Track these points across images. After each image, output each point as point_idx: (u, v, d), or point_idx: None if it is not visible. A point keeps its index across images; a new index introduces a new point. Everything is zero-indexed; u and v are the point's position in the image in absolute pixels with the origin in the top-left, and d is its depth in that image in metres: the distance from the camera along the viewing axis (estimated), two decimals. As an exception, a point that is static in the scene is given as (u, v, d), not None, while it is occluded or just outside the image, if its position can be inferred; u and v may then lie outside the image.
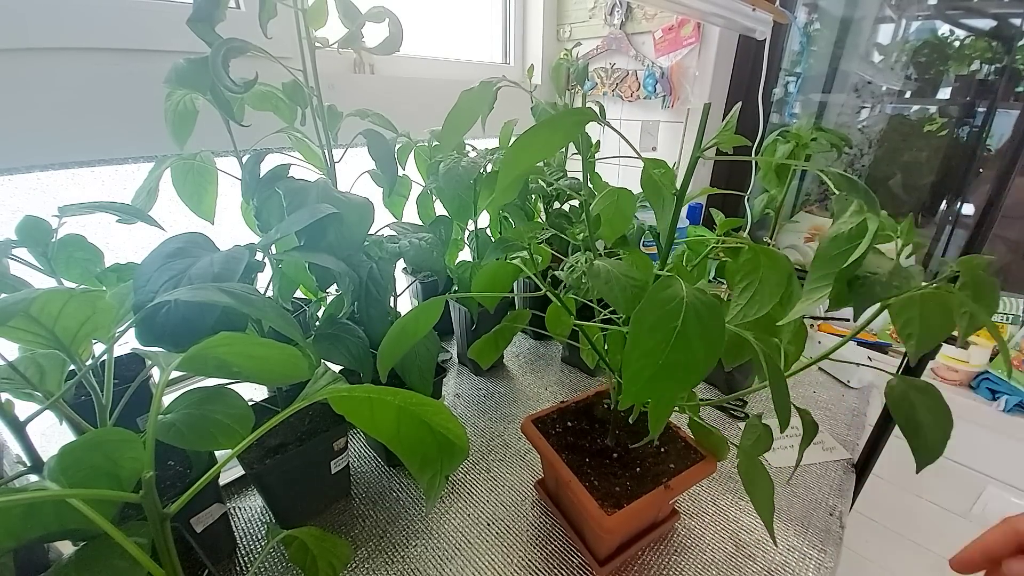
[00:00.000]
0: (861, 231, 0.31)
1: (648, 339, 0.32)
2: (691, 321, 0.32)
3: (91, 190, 0.72)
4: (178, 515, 0.39)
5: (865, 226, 0.31)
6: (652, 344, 0.32)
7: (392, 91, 1.03)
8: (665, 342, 0.32)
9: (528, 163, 0.34)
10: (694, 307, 0.33)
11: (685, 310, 0.32)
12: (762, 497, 0.45)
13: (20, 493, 0.26)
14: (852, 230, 0.32)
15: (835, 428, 0.84)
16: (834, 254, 0.33)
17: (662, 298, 0.33)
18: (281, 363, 0.33)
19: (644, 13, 1.20)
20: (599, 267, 0.43)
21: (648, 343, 0.32)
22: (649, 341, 0.32)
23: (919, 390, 0.39)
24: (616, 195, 0.54)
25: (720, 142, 0.39)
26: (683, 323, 0.32)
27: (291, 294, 0.67)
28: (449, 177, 0.69)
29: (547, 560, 0.59)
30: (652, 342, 0.32)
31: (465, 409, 0.87)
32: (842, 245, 0.33)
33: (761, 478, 0.45)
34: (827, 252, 0.33)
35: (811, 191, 1.58)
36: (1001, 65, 1.24)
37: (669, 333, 0.32)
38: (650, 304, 0.33)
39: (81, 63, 0.64)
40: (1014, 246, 1.24)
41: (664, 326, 0.32)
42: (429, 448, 0.33)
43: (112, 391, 0.43)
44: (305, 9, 0.57)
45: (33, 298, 0.32)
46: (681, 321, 0.32)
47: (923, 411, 0.38)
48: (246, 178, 0.55)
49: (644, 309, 0.33)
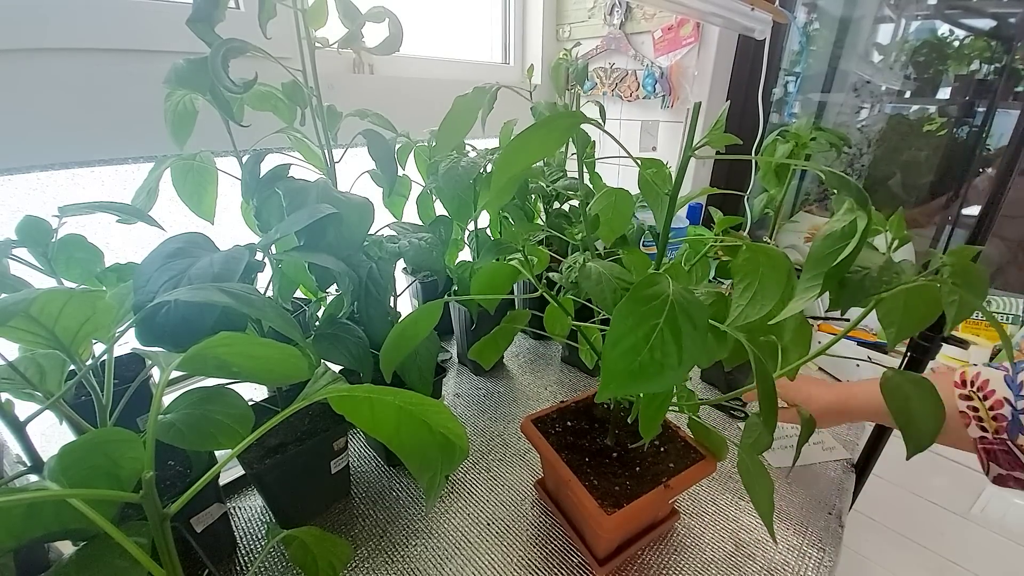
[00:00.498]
0: (853, 229, 0.31)
1: (629, 335, 0.32)
2: (674, 319, 0.32)
3: (91, 190, 0.72)
4: (178, 515, 0.39)
5: (855, 226, 0.31)
6: (632, 341, 0.32)
7: (392, 91, 1.03)
8: (646, 339, 0.32)
9: (522, 165, 0.34)
10: (679, 305, 0.32)
11: (669, 308, 0.32)
12: (762, 495, 0.45)
13: (20, 493, 0.26)
14: (844, 228, 0.32)
15: (835, 428, 0.84)
16: (826, 253, 0.33)
17: (646, 295, 0.33)
18: (281, 363, 0.33)
19: (643, 13, 1.20)
20: (591, 268, 0.43)
21: (629, 340, 0.32)
22: (630, 337, 0.32)
23: (913, 382, 0.39)
24: (614, 195, 0.54)
25: (710, 141, 0.39)
26: (666, 321, 0.32)
27: (291, 294, 0.67)
28: (449, 177, 0.69)
29: (547, 559, 0.59)
30: (633, 339, 0.32)
31: (465, 409, 0.87)
32: (834, 244, 0.33)
33: (761, 476, 0.45)
34: (820, 251, 0.33)
35: (811, 191, 1.58)
36: (1000, 65, 1.24)
37: (650, 330, 0.32)
38: (633, 301, 0.32)
39: (81, 63, 0.64)
40: (1014, 246, 1.24)
41: (646, 323, 0.32)
42: (429, 448, 0.33)
43: (112, 391, 0.43)
44: (305, 9, 0.57)
45: (33, 298, 0.32)
46: (664, 319, 0.32)
47: (916, 402, 0.39)
48: (246, 178, 0.55)
49: (626, 305, 0.32)
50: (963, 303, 0.36)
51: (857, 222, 0.31)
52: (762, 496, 0.45)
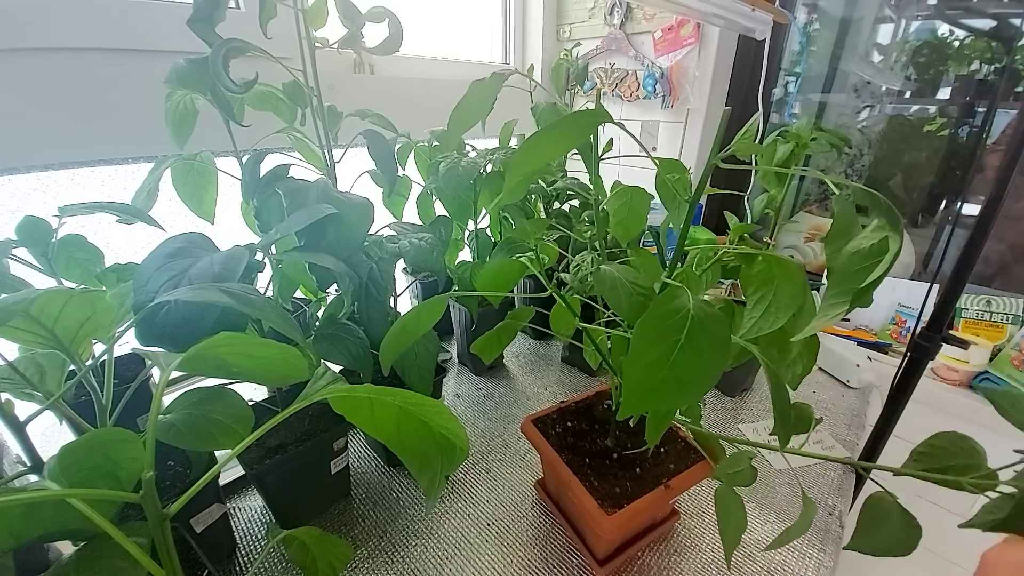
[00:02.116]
0: (883, 248, 0.30)
1: (651, 351, 0.32)
2: (695, 335, 0.32)
3: (91, 190, 0.72)
4: (178, 515, 0.39)
5: (887, 244, 0.30)
6: (654, 356, 0.32)
7: (392, 91, 1.03)
8: (668, 355, 0.32)
9: (537, 164, 0.34)
10: (699, 320, 0.32)
11: (690, 323, 0.32)
12: (732, 528, 0.44)
13: (20, 493, 0.26)
14: (873, 247, 0.31)
15: (835, 428, 0.84)
16: (853, 270, 0.32)
17: (667, 310, 0.33)
18: (281, 363, 0.33)
19: (644, 13, 1.20)
20: (605, 272, 0.43)
21: (651, 355, 0.32)
22: (652, 353, 0.32)
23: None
24: (629, 194, 0.53)
25: (738, 150, 0.39)
26: (687, 337, 0.32)
27: (291, 294, 0.67)
28: (449, 177, 0.69)
29: (547, 560, 0.59)
30: (655, 354, 0.32)
31: (465, 409, 0.87)
32: (862, 261, 0.32)
33: (736, 511, 0.45)
34: (846, 268, 0.32)
35: (811, 191, 1.58)
36: (1001, 65, 1.24)
37: (672, 346, 0.32)
38: (655, 315, 0.32)
39: (81, 63, 0.64)
40: (1014, 246, 1.24)
41: (668, 339, 0.32)
42: (429, 448, 0.33)
43: (112, 391, 0.43)
44: (305, 9, 0.57)
45: (33, 298, 0.32)
46: (685, 335, 0.32)
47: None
48: (246, 178, 0.55)
49: (648, 320, 0.32)
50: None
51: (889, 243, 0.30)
52: (732, 529, 0.44)
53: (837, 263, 0.32)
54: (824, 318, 0.33)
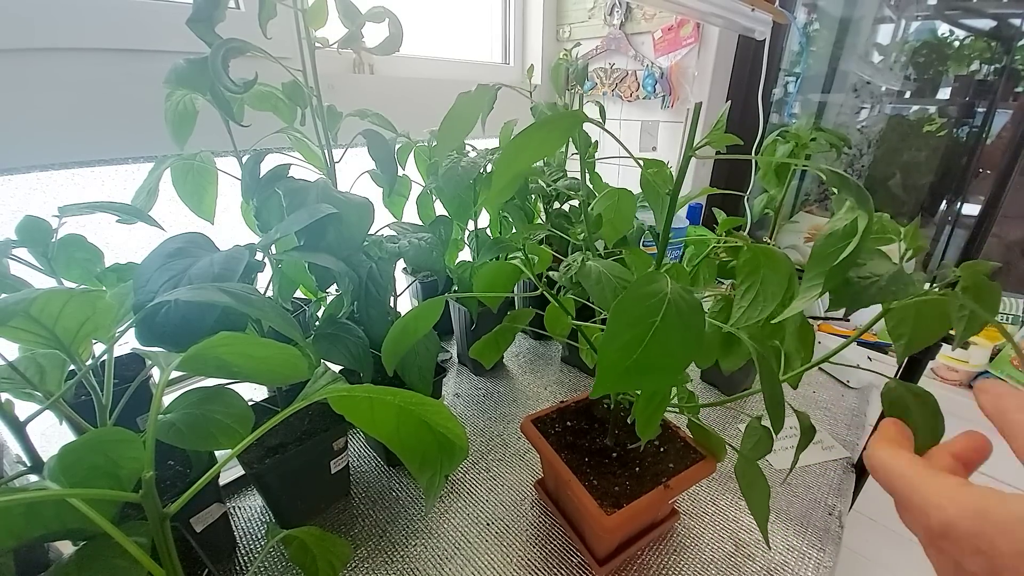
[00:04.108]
0: (854, 228, 0.31)
1: (626, 332, 0.32)
2: (671, 318, 0.32)
3: (91, 190, 0.72)
4: (178, 515, 0.39)
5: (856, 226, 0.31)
6: (629, 337, 0.32)
7: (392, 91, 1.03)
8: (642, 337, 0.32)
9: (523, 165, 0.34)
10: (676, 304, 0.32)
11: (666, 306, 0.32)
12: (759, 501, 0.45)
13: (20, 493, 0.26)
14: (846, 227, 0.32)
15: (835, 428, 0.84)
16: (828, 252, 0.33)
17: (644, 293, 0.33)
18: (281, 363, 0.33)
19: (643, 13, 1.20)
20: (591, 267, 0.43)
21: (625, 336, 0.32)
22: (626, 334, 0.32)
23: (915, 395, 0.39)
24: (617, 196, 0.54)
25: (711, 141, 0.39)
26: (663, 319, 0.32)
27: (291, 294, 0.67)
28: (449, 177, 0.69)
29: (547, 559, 0.59)
30: (629, 335, 0.32)
31: (465, 409, 0.87)
32: (836, 243, 0.32)
33: (758, 481, 0.45)
34: (821, 250, 0.33)
35: (811, 191, 1.58)
36: (1000, 65, 1.24)
37: (647, 328, 0.32)
38: (631, 298, 0.32)
39: (81, 63, 0.64)
40: (1014, 246, 1.24)
41: (643, 321, 0.32)
42: (429, 448, 0.33)
43: (112, 391, 0.43)
44: (305, 9, 0.57)
45: (33, 298, 0.32)
46: (661, 317, 0.32)
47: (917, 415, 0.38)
48: (246, 178, 0.55)
49: (624, 302, 0.32)
50: (973, 318, 0.36)
51: (858, 221, 0.31)
52: (759, 501, 0.45)
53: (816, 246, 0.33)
54: (803, 299, 0.34)
